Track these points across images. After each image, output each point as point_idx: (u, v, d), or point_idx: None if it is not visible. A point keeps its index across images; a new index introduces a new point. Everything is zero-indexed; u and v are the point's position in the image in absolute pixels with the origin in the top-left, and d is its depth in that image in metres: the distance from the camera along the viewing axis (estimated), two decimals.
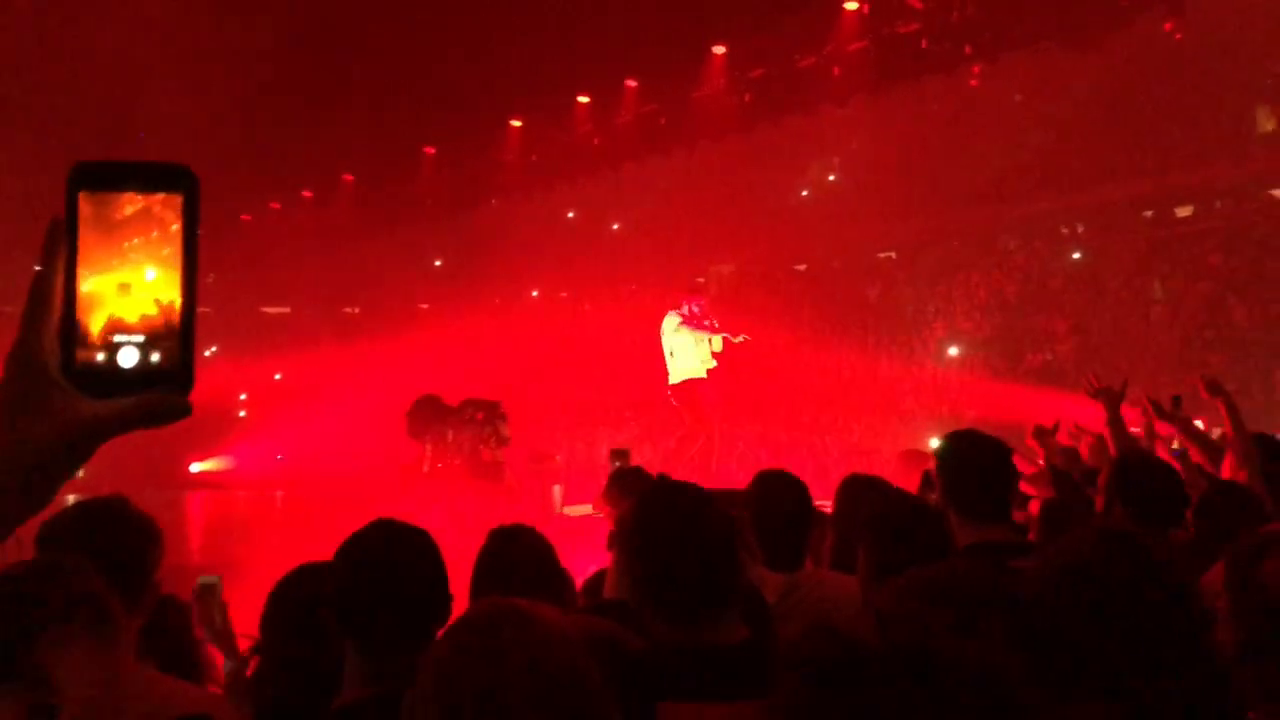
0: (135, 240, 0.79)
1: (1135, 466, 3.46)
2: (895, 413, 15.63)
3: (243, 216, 19.32)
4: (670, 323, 9.26)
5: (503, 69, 13.40)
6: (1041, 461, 4.42)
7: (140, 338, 0.79)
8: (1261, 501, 3.48)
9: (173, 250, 0.79)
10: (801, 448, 14.30)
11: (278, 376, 21.37)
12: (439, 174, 17.42)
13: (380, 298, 22.28)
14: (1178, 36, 15.12)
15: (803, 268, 22.43)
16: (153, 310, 0.79)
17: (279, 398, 19.51)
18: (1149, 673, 1.48)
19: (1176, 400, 4.99)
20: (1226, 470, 4.03)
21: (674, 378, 9.37)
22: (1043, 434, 4.49)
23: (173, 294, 0.79)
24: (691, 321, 9.16)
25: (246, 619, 2.69)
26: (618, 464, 5.28)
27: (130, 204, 0.79)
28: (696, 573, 1.96)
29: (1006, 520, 3.25)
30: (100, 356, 0.78)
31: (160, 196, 0.80)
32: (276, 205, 19.89)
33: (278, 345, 21.38)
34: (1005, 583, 1.68)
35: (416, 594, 2.02)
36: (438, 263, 23.86)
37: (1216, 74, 18.28)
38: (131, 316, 0.79)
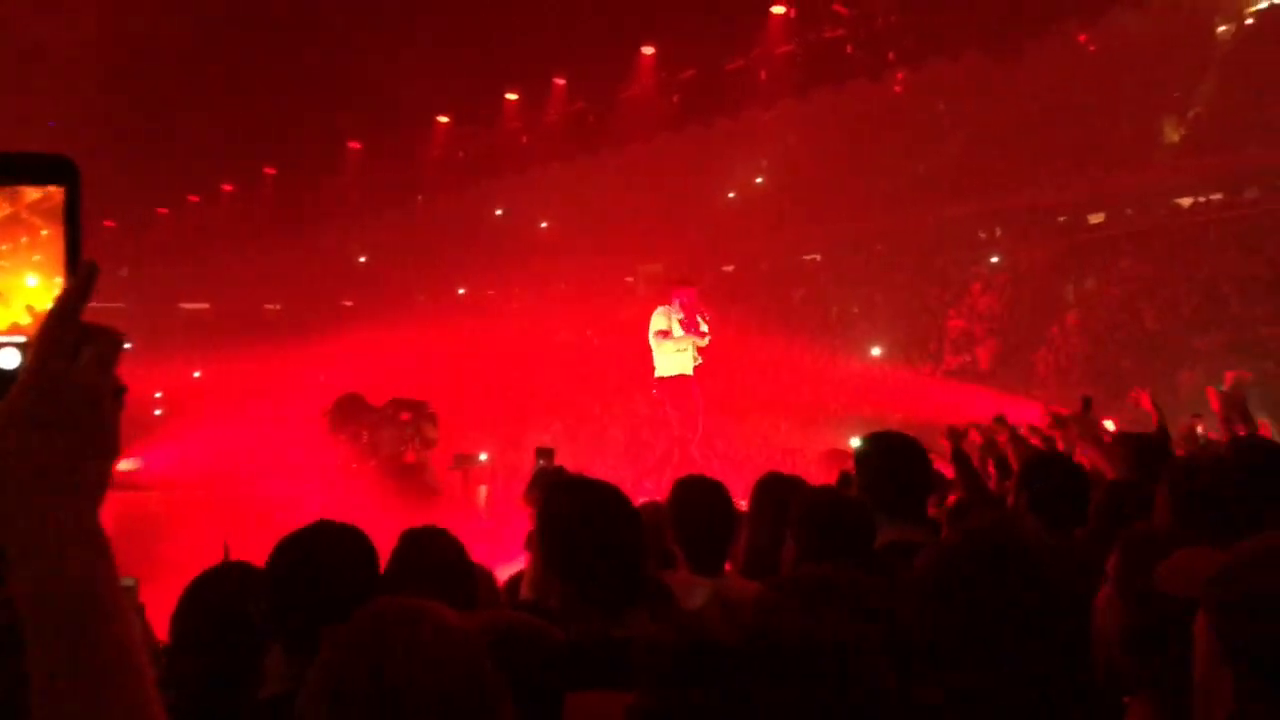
0: (39, 233, 0.76)
1: (1041, 467, 3.57)
2: (821, 413, 15.85)
3: (159, 210, 18.81)
4: (659, 321, 9.18)
5: (430, 65, 13.24)
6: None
7: (22, 339, 0.77)
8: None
9: (55, 248, 0.77)
10: (735, 448, 14.42)
11: (196, 374, 20.84)
12: (364, 169, 17.16)
13: (303, 294, 21.87)
14: (1091, 48, 15.65)
15: (730, 269, 22.62)
16: (35, 309, 0.77)
17: (198, 396, 19.02)
18: (1009, 662, 1.53)
19: (1087, 401, 5.15)
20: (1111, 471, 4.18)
21: (660, 370, 9.37)
22: (955, 435, 4.60)
23: (55, 292, 0.77)
24: (686, 323, 9.16)
25: (164, 622, 2.64)
26: (542, 463, 5.25)
27: (25, 196, 0.76)
28: (604, 567, 1.99)
29: (922, 519, 3.32)
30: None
31: (39, 190, 0.77)
32: (195, 199, 19.39)
33: (196, 342, 20.85)
34: (898, 583, 1.73)
35: (348, 595, 1.99)
36: (362, 259, 23.51)
37: (1127, 85, 18.93)
38: (15, 318, 0.77)
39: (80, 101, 11.33)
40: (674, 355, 9.20)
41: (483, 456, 11.24)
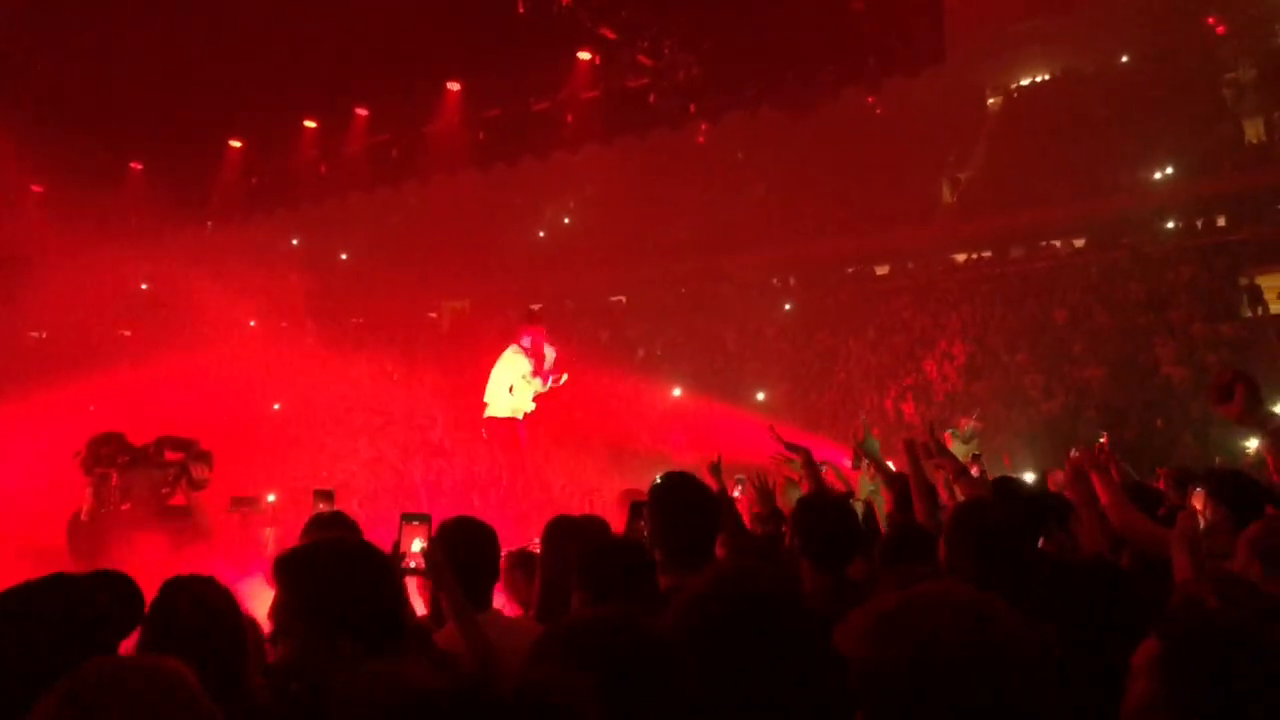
0: None
1: (813, 508, 3.68)
2: (625, 452, 15.99)
3: None
4: (514, 362, 9.11)
5: (223, 85, 12.61)
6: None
7: None
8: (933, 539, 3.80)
9: None
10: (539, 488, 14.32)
11: None
12: (147, 190, 16.12)
13: (74, 322, 20.25)
14: (879, 111, 16.68)
15: (537, 307, 22.62)
16: None
17: None
18: (753, 693, 1.56)
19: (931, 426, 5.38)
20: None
21: (492, 410, 9.19)
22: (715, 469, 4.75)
23: None
24: (534, 359, 9.10)
25: None
26: (321, 505, 5.03)
27: None
28: (360, 611, 1.93)
29: (706, 561, 3.35)
30: None
31: None
32: None
33: None
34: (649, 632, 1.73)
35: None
36: (144, 286, 22.04)
37: (911, 146, 20.32)
38: None
39: None
40: (509, 397, 9.20)
41: (270, 498, 10.67)
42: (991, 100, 22.62)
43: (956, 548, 3.11)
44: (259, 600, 2.94)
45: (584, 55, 12.41)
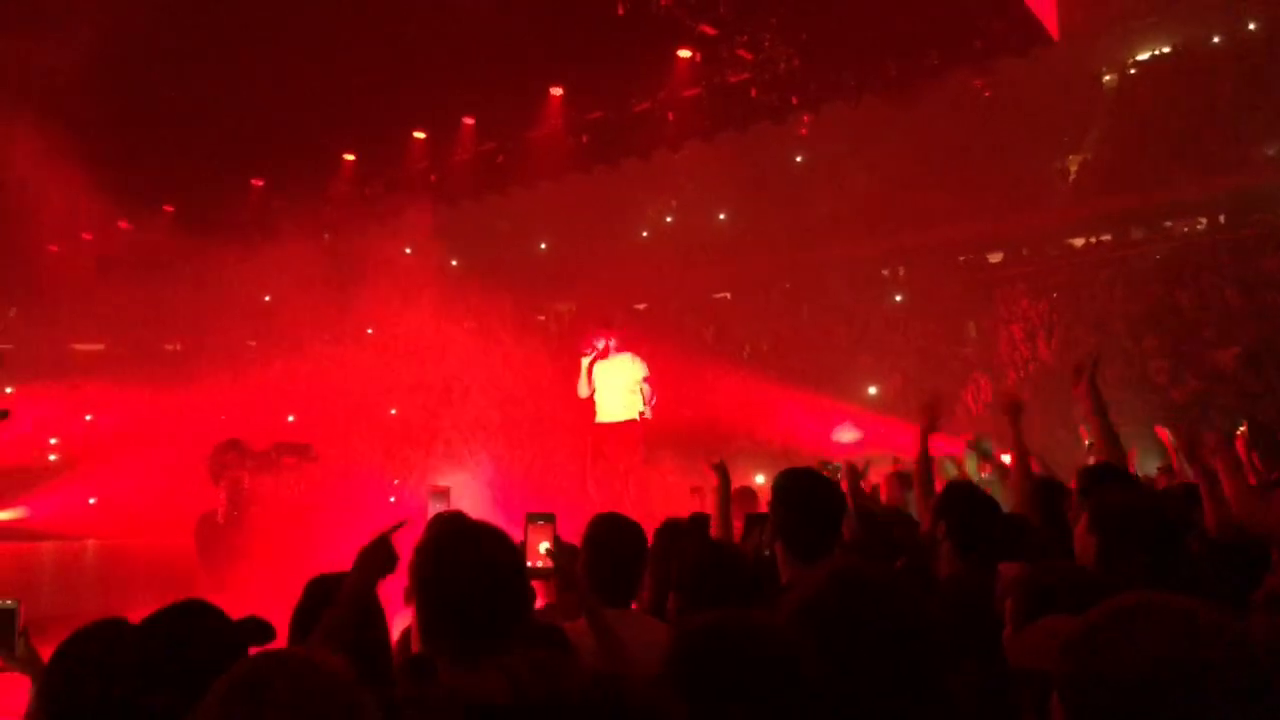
0: None
1: (960, 494, 3.60)
2: (732, 451, 15.94)
3: (50, 248, 18.10)
4: (632, 367, 9.27)
5: (337, 101, 13.08)
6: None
7: None
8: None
9: None
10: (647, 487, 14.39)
11: (88, 418, 20.03)
12: (267, 206, 16.81)
13: (204, 334, 21.24)
14: (987, 93, 16.24)
15: (642, 307, 22.73)
16: None
17: (92, 440, 18.28)
18: (874, 699, 1.53)
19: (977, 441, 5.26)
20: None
21: (607, 416, 9.41)
22: (853, 473, 4.65)
23: None
24: (601, 357, 9.22)
25: None
26: (438, 506, 5.13)
27: None
28: (476, 617, 1.94)
29: (829, 557, 3.33)
30: None
31: None
32: (89, 236, 18.72)
33: (90, 384, 20.05)
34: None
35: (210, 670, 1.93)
36: (267, 298, 22.95)
37: (1022, 129, 19.69)
38: None
39: None
40: (632, 399, 9.23)
41: (391, 499, 11.05)
42: (1107, 78, 21.73)
43: (1117, 542, 2.90)
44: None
45: (684, 53, 12.43)
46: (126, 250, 18.46)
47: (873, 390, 17.89)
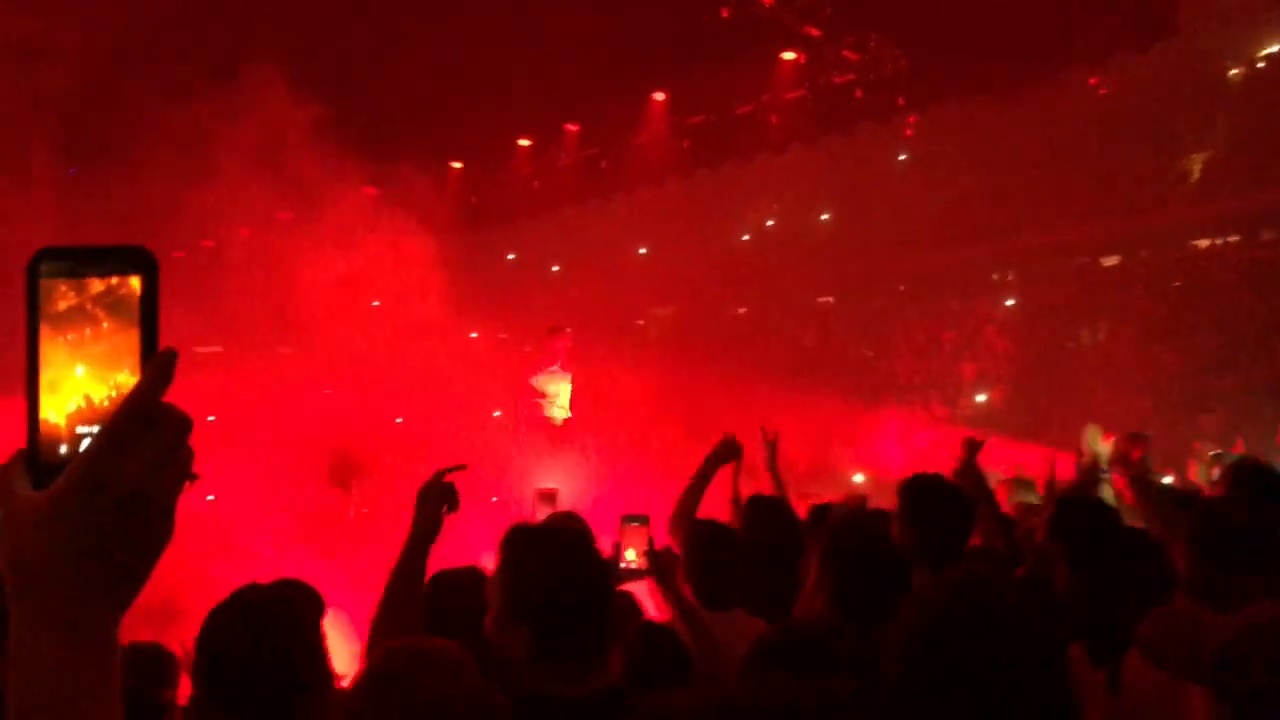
0: (101, 325, 0.77)
1: (1076, 506, 3.49)
2: (830, 456, 15.73)
3: (175, 254, 18.92)
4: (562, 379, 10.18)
5: (444, 112, 13.37)
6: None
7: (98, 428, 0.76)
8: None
9: (133, 332, 0.78)
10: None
11: (211, 419, 20.85)
12: (374, 215, 17.28)
13: (316, 338, 21.91)
14: (1102, 91, 15.67)
15: (743, 311, 22.62)
16: (114, 394, 0.77)
17: (211, 440, 19.02)
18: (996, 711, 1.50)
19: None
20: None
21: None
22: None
23: (134, 377, 0.77)
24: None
25: None
26: (547, 509, 5.20)
27: (92, 288, 0.77)
28: (562, 619, 1.97)
29: (956, 562, 3.26)
30: (65, 449, 0.76)
31: (121, 279, 0.78)
32: (210, 243, 19.52)
33: (210, 386, 20.86)
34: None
35: (273, 663, 1.96)
36: (375, 303, 23.57)
37: (1140, 127, 18.96)
38: (96, 403, 0.76)
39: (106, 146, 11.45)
40: (560, 406, 10.19)
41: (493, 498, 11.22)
42: (1233, 72, 20.78)
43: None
44: None
45: (788, 55, 12.32)
46: (243, 256, 19.17)
47: (981, 398, 17.44)
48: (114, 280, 0.78)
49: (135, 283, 0.78)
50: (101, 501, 0.73)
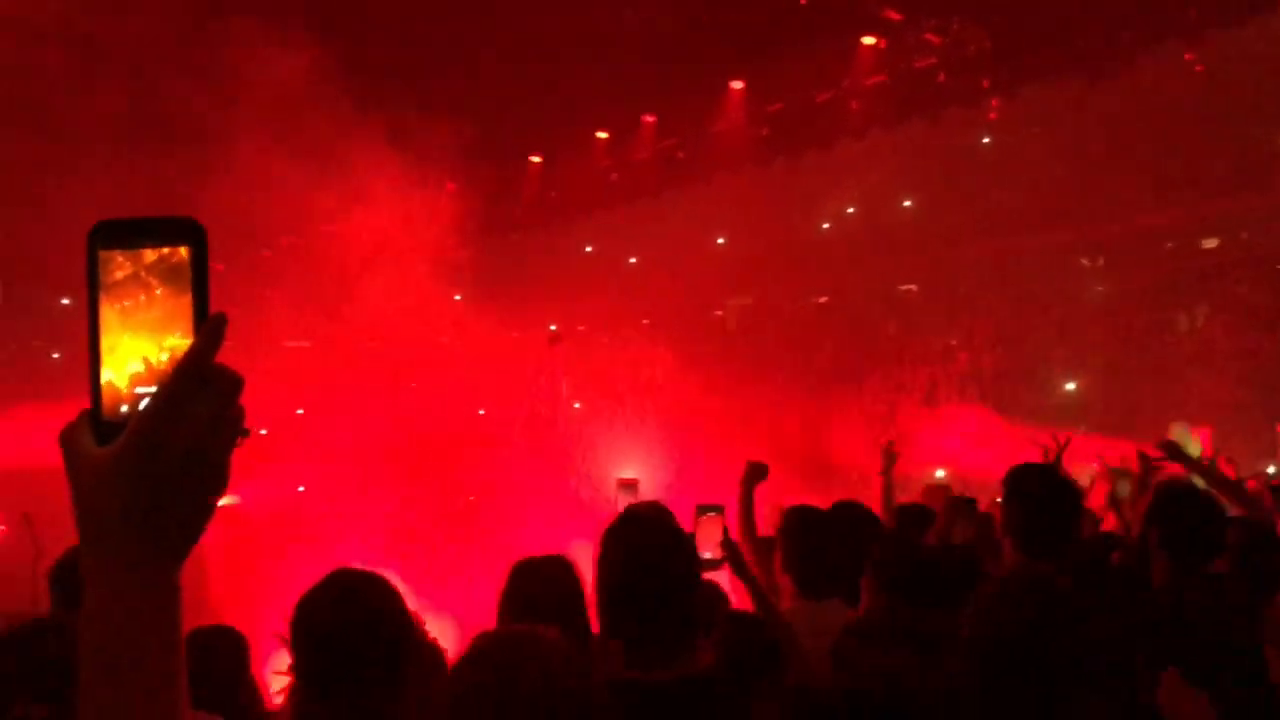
0: (155, 292, 0.82)
1: (1176, 498, 3.38)
2: (908, 446, 15.46)
3: (264, 252, 19.43)
4: None
5: (525, 106, 13.48)
6: None
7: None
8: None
9: (185, 298, 0.83)
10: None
11: (300, 411, 21.39)
12: (455, 209, 17.53)
13: (400, 333, 22.29)
14: (1199, 68, 15.08)
15: (823, 300, 22.38)
16: (169, 357, 0.82)
17: (299, 432, 19.51)
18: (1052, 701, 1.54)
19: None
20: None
21: None
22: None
23: (187, 340, 0.82)
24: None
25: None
26: (628, 498, 5.22)
27: (145, 258, 0.83)
28: (647, 605, 2.00)
29: (1058, 553, 3.20)
30: (125, 409, 0.82)
31: (172, 249, 0.83)
32: (287, 241, 20.00)
33: (299, 380, 21.38)
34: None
35: (370, 644, 1.99)
36: (457, 297, 23.91)
37: (1240, 103, 18.20)
38: (153, 365, 0.82)
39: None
40: None
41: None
42: None
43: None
44: None
45: (868, 39, 12.13)
46: (327, 254, 19.61)
47: (1070, 386, 16.98)
48: (165, 250, 0.82)
49: (184, 252, 0.83)
50: (160, 457, 0.78)
